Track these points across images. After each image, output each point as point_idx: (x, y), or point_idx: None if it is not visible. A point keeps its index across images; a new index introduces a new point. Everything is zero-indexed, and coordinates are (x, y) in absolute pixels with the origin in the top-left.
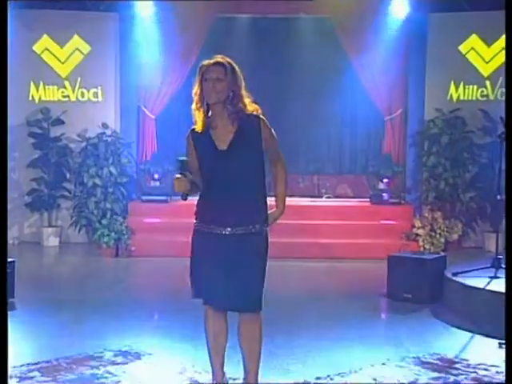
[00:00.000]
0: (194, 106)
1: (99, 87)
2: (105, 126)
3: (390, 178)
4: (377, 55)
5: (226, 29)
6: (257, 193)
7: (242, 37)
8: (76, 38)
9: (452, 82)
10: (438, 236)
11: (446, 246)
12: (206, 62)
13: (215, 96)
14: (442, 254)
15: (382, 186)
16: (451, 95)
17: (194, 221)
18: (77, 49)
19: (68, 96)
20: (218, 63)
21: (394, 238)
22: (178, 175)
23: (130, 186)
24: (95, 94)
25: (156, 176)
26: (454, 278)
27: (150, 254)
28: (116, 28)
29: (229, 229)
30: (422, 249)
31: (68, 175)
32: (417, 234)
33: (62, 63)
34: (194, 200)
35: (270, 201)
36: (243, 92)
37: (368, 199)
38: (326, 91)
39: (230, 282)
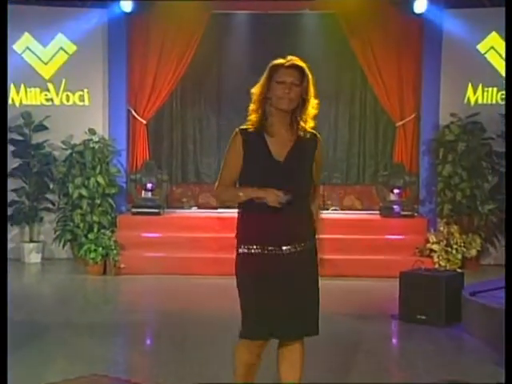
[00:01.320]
0: (253, 106)
1: (85, 90)
2: (92, 131)
3: (402, 189)
4: (387, 55)
5: (223, 27)
6: (307, 207)
7: (241, 35)
8: (60, 36)
9: (469, 84)
10: (454, 252)
11: (464, 263)
12: (279, 61)
13: (287, 103)
14: (459, 271)
15: (393, 197)
16: (468, 98)
17: (241, 245)
18: (61, 48)
19: (51, 99)
20: (294, 66)
21: (406, 254)
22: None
23: (120, 198)
24: (81, 98)
25: (148, 186)
26: (472, 298)
27: (141, 271)
28: (104, 26)
29: (288, 246)
30: (437, 266)
31: (51, 185)
32: (431, 250)
33: (45, 64)
34: (186, 213)
35: None
36: (312, 101)
37: (378, 212)
38: (331, 94)
39: (295, 306)
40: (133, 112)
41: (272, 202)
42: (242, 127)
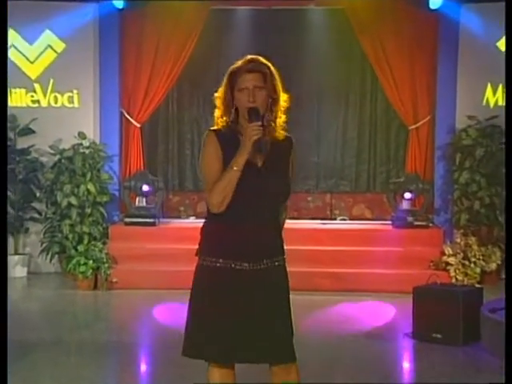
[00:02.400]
0: (218, 112)
1: (75, 91)
2: (82, 135)
3: (416, 197)
4: (399, 53)
5: (223, 24)
6: (277, 218)
7: (242, 32)
8: (48, 33)
9: (488, 84)
10: (472, 265)
11: (483, 278)
12: (236, 65)
13: (254, 106)
14: (478, 286)
15: (405, 206)
16: (487, 100)
17: (201, 254)
18: (49, 46)
19: (38, 101)
20: (254, 69)
21: (420, 267)
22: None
23: (112, 207)
24: (70, 99)
25: (142, 194)
26: (491, 316)
27: (135, 286)
28: (95, 22)
29: (251, 263)
30: (453, 280)
31: (38, 194)
32: (447, 263)
33: (32, 63)
34: (183, 223)
35: None
36: (282, 97)
37: (389, 222)
38: (339, 96)
39: (259, 329)
40: (126, 115)
41: (255, 135)
42: (213, 128)
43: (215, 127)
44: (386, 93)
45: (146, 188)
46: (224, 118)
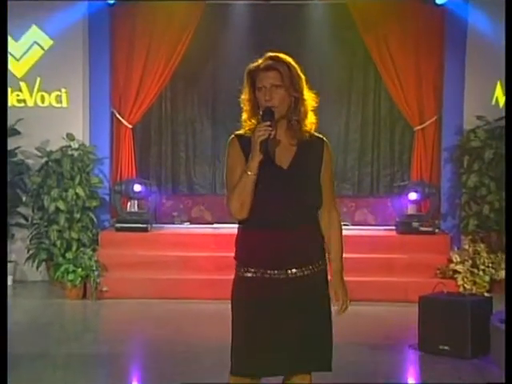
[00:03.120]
0: (245, 115)
1: (63, 90)
2: (70, 137)
3: (422, 202)
4: (404, 50)
5: (220, 19)
6: (316, 223)
7: (239, 28)
8: (34, 29)
9: (498, 83)
10: (481, 273)
11: (492, 286)
12: (255, 64)
13: (270, 105)
14: (487, 295)
15: (410, 211)
16: (497, 99)
17: (238, 267)
18: (35, 43)
19: (24, 101)
20: (270, 66)
21: (426, 275)
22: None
23: (102, 212)
24: (58, 99)
25: (134, 199)
26: (502, 326)
27: (126, 295)
28: (85, 17)
29: (294, 270)
30: (461, 289)
31: (24, 198)
32: (455, 271)
33: (17, 60)
34: (177, 228)
35: None
36: (307, 94)
37: (394, 227)
38: (341, 95)
39: (301, 340)
40: (117, 115)
41: (261, 136)
42: (238, 132)
43: (240, 131)
44: (390, 92)
45: (137, 192)
46: (252, 121)
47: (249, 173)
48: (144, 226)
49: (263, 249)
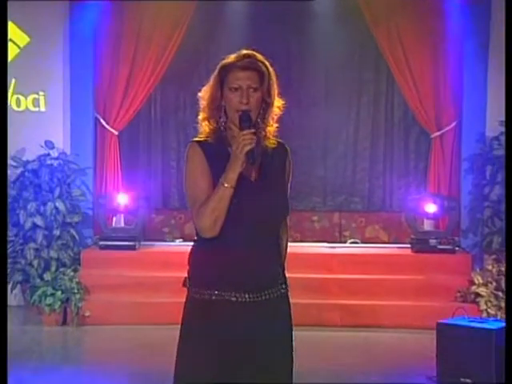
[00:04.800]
0: (203, 115)
1: (41, 93)
2: (49, 145)
3: (439, 217)
4: (420, 48)
5: (214, 16)
6: (278, 240)
7: (234, 26)
8: (10, 25)
9: None
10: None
11: None
12: (230, 59)
13: (246, 109)
14: None
15: (427, 227)
16: None
17: (190, 285)
18: (11, 40)
19: None
20: (250, 65)
21: (444, 299)
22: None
23: (84, 228)
24: (36, 102)
25: (120, 213)
26: None
27: (111, 320)
28: (66, 14)
29: (251, 294)
30: (484, 314)
31: None
32: (477, 294)
33: None
34: (168, 246)
35: None
36: (277, 102)
37: (409, 245)
38: (349, 98)
39: (257, 371)
40: (101, 120)
41: (247, 145)
42: (197, 139)
43: (199, 137)
44: (404, 95)
45: (124, 206)
46: (210, 122)
47: (226, 185)
48: (131, 243)
49: (227, 268)
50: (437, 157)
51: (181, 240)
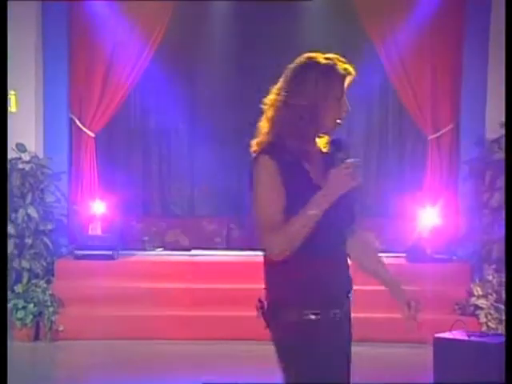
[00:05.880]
0: (283, 129)
1: (12, 92)
2: (20, 148)
3: (436, 224)
4: (416, 47)
5: (196, 11)
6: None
7: (218, 22)
8: None
9: None
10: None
11: None
12: (344, 66)
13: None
14: None
15: (423, 235)
16: None
17: (290, 309)
18: None
19: None
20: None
21: (442, 311)
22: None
23: (58, 236)
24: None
25: (97, 220)
26: None
27: (87, 335)
28: (38, 10)
29: (344, 308)
30: (484, 328)
31: None
32: (476, 307)
33: None
34: (148, 256)
35: None
36: None
37: (403, 254)
38: None
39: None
40: (77, 122)
41: (354, 181)
42: (268, 147)
43: (265, 147)
44: (399, 95)
45: (101, 213)
46: (292, 138)
47: (314, 212)
48: (109, 252)
49: (323, 284)
50: (433, 160)
51: (162, 249)
